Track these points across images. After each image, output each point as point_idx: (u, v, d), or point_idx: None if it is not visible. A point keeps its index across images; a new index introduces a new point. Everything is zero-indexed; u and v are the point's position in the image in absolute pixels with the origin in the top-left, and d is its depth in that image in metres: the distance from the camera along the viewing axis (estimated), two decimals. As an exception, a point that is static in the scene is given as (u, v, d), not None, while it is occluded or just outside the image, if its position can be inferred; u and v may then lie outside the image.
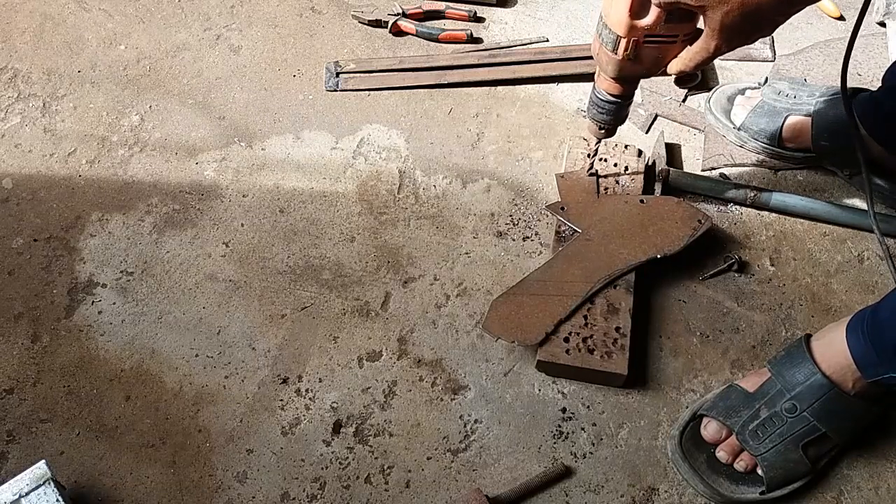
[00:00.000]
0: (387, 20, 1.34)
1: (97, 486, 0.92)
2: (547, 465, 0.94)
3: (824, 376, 0.89)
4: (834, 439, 0.91)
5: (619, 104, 0.94)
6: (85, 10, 1.37)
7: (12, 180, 1.17)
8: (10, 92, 1.26)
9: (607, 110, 0.95)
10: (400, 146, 1.21)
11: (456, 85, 1.28)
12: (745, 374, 1.00)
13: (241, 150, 1.21)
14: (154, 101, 1.26)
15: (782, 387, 0.91)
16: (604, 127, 0.98)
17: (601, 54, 0.87)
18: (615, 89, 0.92)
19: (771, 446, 0.90)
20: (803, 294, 1.08)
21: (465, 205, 1.15)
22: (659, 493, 0.93)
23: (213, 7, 1.37)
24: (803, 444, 0.90)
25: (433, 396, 0.99)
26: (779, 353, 0.95)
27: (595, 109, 0.96)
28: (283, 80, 1.29)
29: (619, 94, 0.92)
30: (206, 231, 1.12)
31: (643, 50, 0.83)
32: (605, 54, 0.85)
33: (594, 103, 0.95)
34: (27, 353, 1.02)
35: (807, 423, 0.89)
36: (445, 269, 1.09)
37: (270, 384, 1.00)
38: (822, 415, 0.89)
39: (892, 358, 0.84)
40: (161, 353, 1.02)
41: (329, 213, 1.14)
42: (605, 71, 0.89)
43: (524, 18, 1.37)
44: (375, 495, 0.92)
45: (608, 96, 0.93)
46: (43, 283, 1.07)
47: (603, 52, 0.86)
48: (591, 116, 0.97)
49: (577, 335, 0.98)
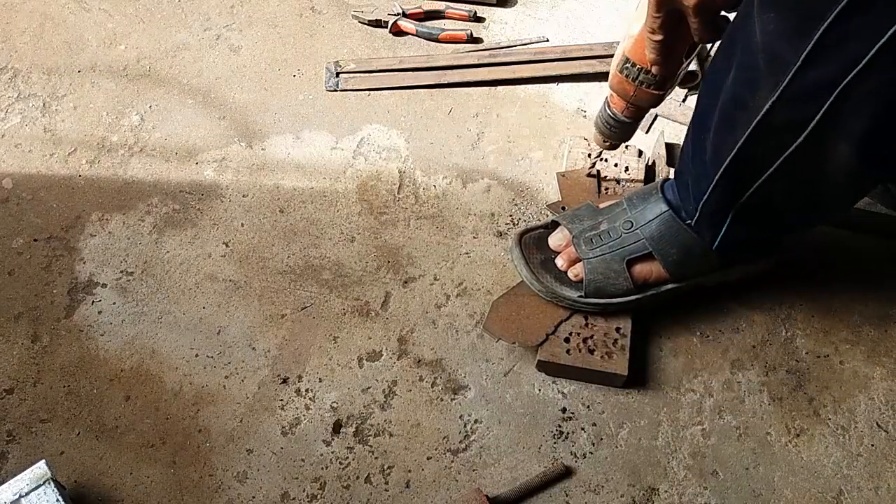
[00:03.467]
0: (387, 20, 1.34)
1: (97, 486, 0.92)
2: (547, 465, 0.94)
3: (667, 204, 0.95)
4: (660, 263, 0.96)
5: (630, 124, 0.96)
6: (85, 10, 1.37)
7: (12, 180, 1.17)
8: (10, 92, 1.26)
9: (618, 129, 0.97)
10: (400, 146, 1.21)
11: (456, 85, 1.28)
12: (745, 374, 1.01)
13: (241, 150, 1.21)
14: (154, 101, 1.26)
15: (627, 207, 0.98)
16: (608, 141, 1.00)
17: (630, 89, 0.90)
18: (630, 113, 0.94)
19: (599, 253, 0.97)
20: (803, 294, 1.08)
21: (465, 205, 1.15)
22: (659, 493, 0.93)
23: (213, 7, 1.37)
24: (629, 259, 0.96)
25: (433, 396, 0.99)
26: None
27: (605, 125, 0.98)
28: (283, 80, 1.29)
29: (632, 117, 0.95)
30: (206, 231, 1.12)
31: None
32: (641, 91, 0.89)
33: (605, 120, 0.97)
34: (27, 353, 1.02)
35: (637, 240, 0.96)
36: (445, 269, 1.09)
37: (270, 384, 1.00)
38: (653, 234, 0.95)
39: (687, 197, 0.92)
40: (161, 353, 1.02)
41: (329, 213, 1.14)
42: (629, 101, 0.92)
43: (524, 18, 1.37)
44: (375, 495, 0.92)
45: (622, 117, 0.95)
46: (43, 283, 1.07)
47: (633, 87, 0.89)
48: (600, 130, 0.99)
49: (577, 335, 0.98)
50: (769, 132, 0.77)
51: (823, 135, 0.74)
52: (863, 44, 0.65)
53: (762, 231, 0.94)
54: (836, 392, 1.00)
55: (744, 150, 0.80)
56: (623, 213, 0.98)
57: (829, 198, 0.87)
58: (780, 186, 0.82)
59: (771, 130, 0.77)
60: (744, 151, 0.80)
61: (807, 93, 0.71)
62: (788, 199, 0.86)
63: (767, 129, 0.77)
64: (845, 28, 0.65)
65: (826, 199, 0.87)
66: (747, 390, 1.00)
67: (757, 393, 1.00)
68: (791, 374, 1.01)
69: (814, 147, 0.75)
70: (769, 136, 0.77)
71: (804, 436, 0.97)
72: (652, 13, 0.78)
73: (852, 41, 0.65)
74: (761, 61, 0.73)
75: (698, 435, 0.97)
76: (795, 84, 0.71)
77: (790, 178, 0.81)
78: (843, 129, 0.73)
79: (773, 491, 0.93)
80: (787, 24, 0.69)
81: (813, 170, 0.79)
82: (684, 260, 0.96)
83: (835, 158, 0.76)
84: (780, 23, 0.69)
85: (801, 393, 1.00)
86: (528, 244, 1.02)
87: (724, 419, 0.98)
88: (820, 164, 0.78)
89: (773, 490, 0.94)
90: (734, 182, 0.85)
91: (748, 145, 0.79)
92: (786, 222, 0.93)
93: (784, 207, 0.88)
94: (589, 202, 1.03)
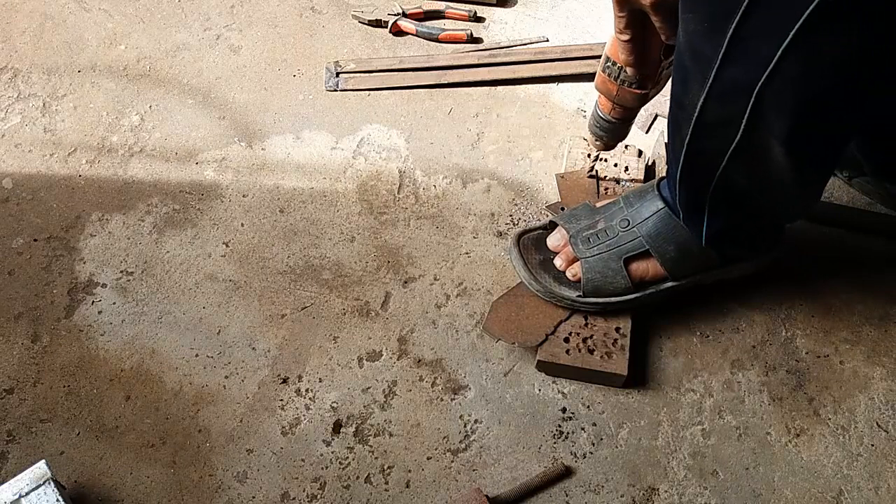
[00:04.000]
0: (387, 20, 1.34)
1: (97, 486, 0.92)
2: (547, 465, 0.94)
3: (663, 202, 0.95)
4: (658, 261, 0.96)
5: (619, 124, 0.97)
6: (85, 10, 1.37)
7: (12, 180, 1.17)
8: (10, 92, 1.26)
9: (608, 129, 0.98)
10: (400, 146, 1.21)
11: (456, 85, 1.28)
12: (745, 374, 1.01)
13: (241, 150, 1.21)
14: (154, 100, 1.26)
15: (624, 206, 0.98)
16: (600, 141, 1.01)
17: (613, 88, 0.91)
18: (617, 113, 0.95)
19: (597, 252, 0.97)
20: (803, 294, 1.08)
21: (465, 205, 1.15)
22: (659, 493, 0.93)
23: (213, 7, 1.37)
24: (626, 258, 0.96)
25: (433, 396, 0.99)
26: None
27: (596, 126, 0.99)
28: (283, 80, 1.29)
29: (620, 117, 0.96)
30: (206, 231, 1.12)
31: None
32: (624, 90, 0.90)
33: (595, 121, 0.98)
34: (27, 353, 1.02)
35: (634, 238, 0.96)
36: (445, 269, 1.09)
37: (270, 384, 1.00)
38: (650, 232, 0.95)
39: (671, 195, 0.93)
40: (161, 353, 1.02)
41: (329, 213, 1.14)
42: (613, 101, 0.93)
43: (524, 18, 1.37)
44: (375, 495, 0.92)
45: (610, 117, 0.96)
46: (43, 283, 1.07)
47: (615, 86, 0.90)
48: (592, 132, 1.00)
49: (577, 335, 0.98)
50: (708, 129, 0.78)
51: (756, 132, 0.75)
52: (771, 44, 0.66)
53: (739, 222, 0.94)
54: (836, 392, 1.00)
55: (692, 148, 0.82)
56: (620, 212, 0.98)
57: (790, 188, 0.87)
58: (738, 179, 0.83)
59: (709, 127, 0.78)
60: (693, 149, 0.82)
61: (730, 91, 0.72)
62: (752, 191, 0.86)
63: (705, 127, 0.78)
64: (753, 27, 0.66)
65: (788, 190, 0.87)
66: (747, 390, 1.00)
67: (757, 393, 1.00)
68: (791, 374, 1.01)
69: (752, 143, 0.76)
70: (710, 134, 0.79)
71: (804, 436, 0.97)
72: (616, 13, 0.79)
73: (761, 41, 0.66)
74: (687, 60, 0.75)
75: (698, 435, 0.97)
76: (719, 82, 0.72)
77: (745, 171, 0.82)
78: (769, 127, 0.74)
79: (773, 491, 0.93)
80: (704, 23, 0.70)
81: (762, 163, 0.80)
82: (682, 257, 0.96)
83: (773, 155, 0.77)
84: (698, 22, 0.71)
85: (801, 393, 1.00)
86: (527, 245, 1.02)
87: (724, 419, 0.98)
88: (764, 160, 0.79)
89: (773, 490, 0.94)
90: (695, 178, 0.87)
91: (694, 143, 0.81)
92: (760, 213, 0.93)
93: (751, 199, 0.88)
94: (586, 202, 1.03)
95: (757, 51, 0.67)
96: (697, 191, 0.88)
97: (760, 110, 0.72)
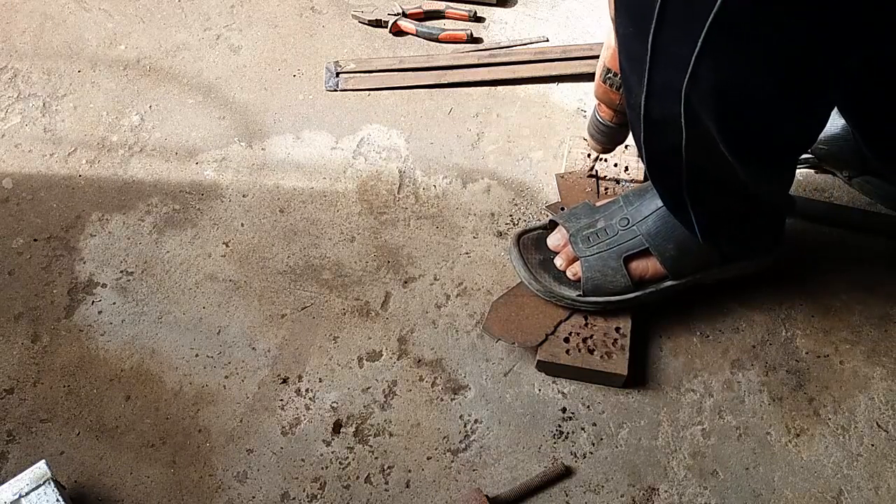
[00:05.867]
0: (387, 20, 1.34)
1: (97, 486, 0.92)
2: (547, 465, 0.94)
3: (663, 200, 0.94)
4: (657, 260, 0.96)
5: (619, 128, 0.98)
6: (85, 10, 1.37)
7: (12, 180, 1.17)
8: (10, 92, 1.26)
9: (608, 134, 0.99)
10: (400, 146, 1.21)
11: (456, 85, 1.28)
12: (745, 374, 1.01)
13: (241, 150, 1.21)
14: (154, 100, 1.26)
15: (623, 205, 0.98)
16: (601, 145, 1.02)
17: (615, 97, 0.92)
18: (619, 118, 0.96)
19: (596, 251, 0.97)
20: (803, 294, 1.08)
21: (465, 205, 1.15)
22: (659, 493, 0.93)
23: (213, 7, 1.37)
24: (626, 256, 0.96)
25: (433, 396, 0.99)
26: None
27: (596, 131, 1.00)
28: (283, 80, 1.29)
29: (621, 122, 0.97)
30: (206, 231, 1.12)
31: None
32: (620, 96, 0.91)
33: (596, 127, 0.99)
34: (27, 353, 1.02)
35: (634, 237, 0.96)
36: (445, 269, 1.09)
37: (270, 384, 1.00)
38: (650, 231, 0.95)
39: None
40: (161, 353, 1.02)
41: (329, 213, 1.14)
42: (615, 109, 0.94)
43: (524, 18, 1.37)
44: (375, 495, 0.92)
45: (611, 123, 0.97)
46: (43, 283, 1.07)
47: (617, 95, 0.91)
48: (592, 136, 1.01)
49: (577, 335, 0.98)
50: (658, 127, 0.79)
51: (695, 128, 0.75)
52: (686, 50, 0.66)
53: (728, 210, 0.93)
54: (836, 392, 1.00)
55: (651, 147, 0.82)
56: (619, 211, 0.98)
57: (758, 180, 0.86)
58: (706, 167, 0.83)
59: (658, 125, 0.78)
60: (651, 147, 0.83)
61: (663, 92, 0.73)
62: (721, 184, 0.86)
63: (655, 125, 0.79)
64: (668, 35, 0.67)
65: (757, 182, 0.86)
66: (747, 390, 1.00)
67: (757, 393, 1.00)
68: (791, 374, 1.01)
69: (699, 136, 0.76)
70: (661, 130, 0.79)
71: (804, 436, 0.97)
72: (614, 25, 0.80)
73: (678, 47, 0.67)
74: (625, 62, 0.76)
75: (698, 435, 0.97)
76: (652, 84, 0.73)
77: (706, 159, 0.81)
78: (702, 127, 0.74)
79: (773, 491, 0.93)
80: (630, 27, 0.71)
81: (715, 159, 0.79)
82: (681, 255, 0.96)
83: (719, 152, 0.77)
84: (628, 26, 0.72)
85: (801, 393, 1.00)
86: (527, 244, 1.02)
87: (724, 419, 0.98)
88: (714, 155, 0.78)
89: (773, 490, 0.94)
90: (665, 175, 0.87)
91: (650, 141, 0.82)
92: (745, 195, 0.91)
93: (727, 183, 0.87)
94: (586, 201, 1.03)
95: (677, 55, 0.68)
96: (673, 187, 0.88)
97: (690, 110, 0.72)
